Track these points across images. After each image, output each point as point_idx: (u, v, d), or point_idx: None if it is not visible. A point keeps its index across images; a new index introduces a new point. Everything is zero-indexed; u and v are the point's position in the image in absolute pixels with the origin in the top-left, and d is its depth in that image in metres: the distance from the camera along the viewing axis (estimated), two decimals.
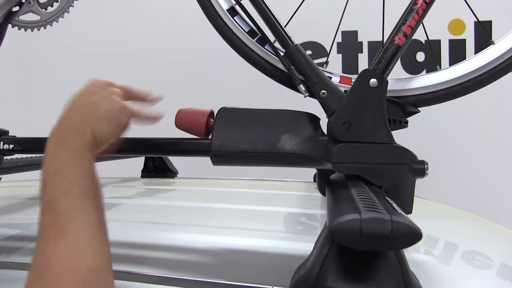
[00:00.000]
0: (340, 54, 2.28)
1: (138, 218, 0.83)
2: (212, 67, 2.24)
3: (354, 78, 0.67)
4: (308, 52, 0.66)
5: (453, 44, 2.22)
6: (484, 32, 2.01)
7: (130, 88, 0.58)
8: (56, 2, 0.86)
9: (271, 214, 0.87)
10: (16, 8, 0.85)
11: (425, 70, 2.20)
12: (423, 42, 2.15)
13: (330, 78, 0.68)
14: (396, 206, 0.45)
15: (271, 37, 0.68)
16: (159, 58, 2.36)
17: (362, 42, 2.27)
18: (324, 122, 0.64)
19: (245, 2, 0.69)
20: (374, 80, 0.59)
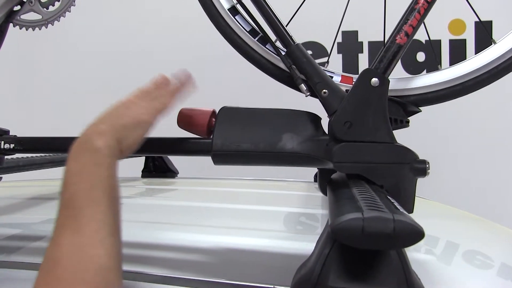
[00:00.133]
0: (340, 54, 2.28)
1: (138, 218, 0.82)
2: (212, 67, 2.24)
3: (355, 77, 0.67)
4: (308, 52, 0.66)
5: (453, 44, 2.22)
6: (485, 32, 2.01)
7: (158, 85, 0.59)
8: (57, 1, 0.86)
9: (272, 214, 0.87)
10: (17, 7, 0.86)
11: (425, 70, 2.20)
12: (424, 42, 2.15)
13: (332, 77, 0.68)
14: (398, 205, 0.45)
15: (273, 36, 0.68)
16: (159, 58, 2.36)
17: (362, 42, 2.27)
18: (325, 121, 0.64)
19: (246, 2, 0.69)
20: (375, 79, 0.59)
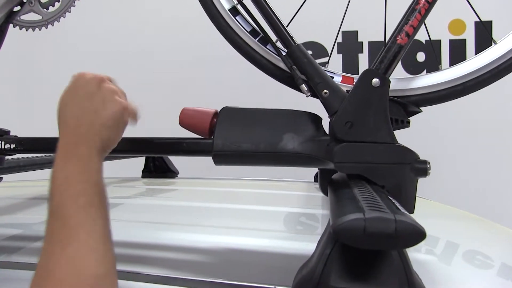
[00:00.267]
0: (340, 54, 2.28)
1: (138, 218, 0.82)
2: (213, 67, 2.24)
3: (356, 78, 0.67)
4: (308, 52, 0.66)
5: (453, 44, 2.22)
6: (486, 32, 2.01)
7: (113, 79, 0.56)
8: (57, 1, 0.86)
9: (272, 214, 0.87)
10: (17, 8, 0.85)
11: (425, 70, 2.20)
12: (424, 42, 2.15)
13: (332, 77, 0.68)
14: (399, 206, 0.45)
15: (273, 36, 0.68)
16: (159, 58, 2.36)
17: (362, 42, 2.27)
18: (326, 121, 0.64)
19: (247, 2, 0.69)
20: (376, 79, 0.59)
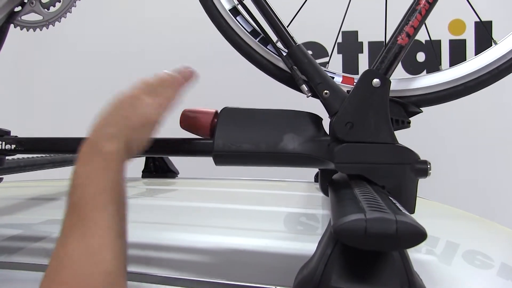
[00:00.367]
0: (340, 54, 2.28)
1: (139, 218, 0.82)
2: (213, 67, 2.24)
3: (356, 78, 0.67)
4: (309, 52, 0.66)
5: (453, 44, 2.22)
6: (486, 32, 2.01)
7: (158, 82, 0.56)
8: (58, 2, 0.86)
9: (273, 214, 0.87)
10: (18, 8, 0.85)
11: (425, 71, 2.20)
12: (424, 42, 2.15)
13: (333, 78, 0.68)
14: (400, 206, 0.45)
15: (274, 37, 0.68)
16: (159, 58, 2.36)
17: (362, 42, 2.27)
18: (326, 122, 0.64)
19: (247, 2, 0.69)
20: (377, 80, 0.59)
